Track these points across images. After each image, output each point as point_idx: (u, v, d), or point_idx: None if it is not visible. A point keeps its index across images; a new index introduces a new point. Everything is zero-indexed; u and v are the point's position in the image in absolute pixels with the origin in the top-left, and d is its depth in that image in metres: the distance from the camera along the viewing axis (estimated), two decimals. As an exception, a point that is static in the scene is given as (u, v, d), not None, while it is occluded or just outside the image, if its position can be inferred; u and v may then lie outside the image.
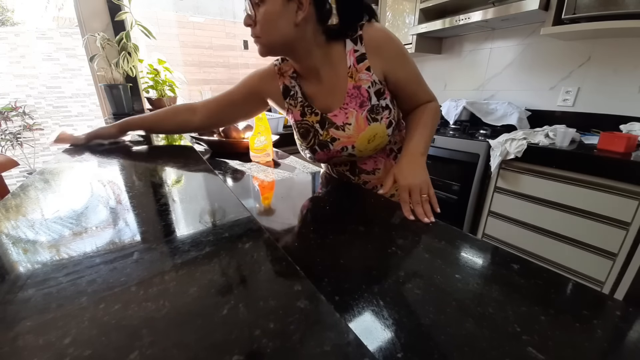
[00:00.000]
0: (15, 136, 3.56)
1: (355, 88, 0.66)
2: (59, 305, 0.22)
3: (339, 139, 0.70)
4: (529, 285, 0.36)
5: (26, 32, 3.37)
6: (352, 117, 0.68)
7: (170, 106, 0.85)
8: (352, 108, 0.67)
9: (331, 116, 0.69)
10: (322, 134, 0.71)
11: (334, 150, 0.71)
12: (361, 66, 0.65)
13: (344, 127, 0.69)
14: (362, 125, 0.68)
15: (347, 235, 0.46)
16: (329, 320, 0.22)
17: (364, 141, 0.69)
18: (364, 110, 0.67)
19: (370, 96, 0.66)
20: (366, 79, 0.66)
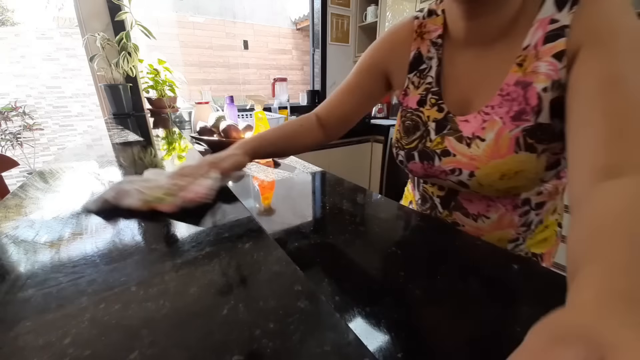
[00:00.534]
0: (15, 136, 3.56)
1: (519, 85, 0.39)
2: (59, 305, 0.22)
3: (454, 155, 0.46)
4: (529, 285, 0.36)
5: (26, 32, 3.37)
6: (491, 130, 0.42)
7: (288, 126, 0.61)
8: (497, 116, 0.41)
9: (461, 120, 0.45)
10: (434, 140, 0.48)
11: (438, 168, 0.48)
12: (548, 49, 0.37)
13: (470, 142, 0.44)
14: (504, 149, 0.41)
15: (347, 235, 0.46)
16: (329, 320, 0.22)
17: (493, 173, 0.43)
18: (517, 125, 0.40)
19: (540, 107, 0.38)
20: (546, 72, 0.37)
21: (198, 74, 2.46)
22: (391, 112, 2.61)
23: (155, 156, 0.76)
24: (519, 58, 0.39)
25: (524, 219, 0.50)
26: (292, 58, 3.04)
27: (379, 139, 2.24)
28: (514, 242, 0.54)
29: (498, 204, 0.49)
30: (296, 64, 3.05)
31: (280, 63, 2.95)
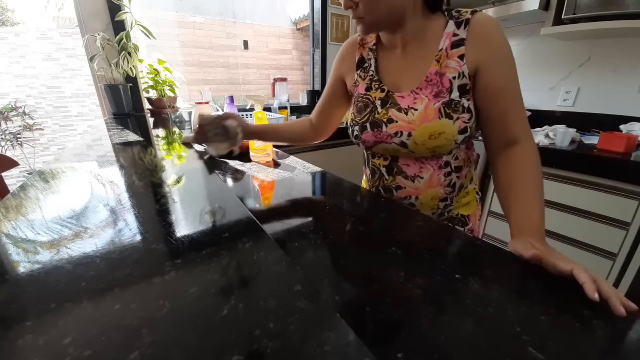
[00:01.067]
0: (15, 136, 3.56)
1: (437, 74, 0.58)
2: (59, 305, 0.22)
3: (396, 121, 0.62)
4: (529, 285, 0.36)
5: (26, 32, 3.37)
6: (421, 103, 0.59)
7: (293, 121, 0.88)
8: (424, 95, 0.59)
9: (397, 96, 0.62)
10: (380, 112, 0.64)
11: (386, 132, 0.63)
12: (454, 52, 0.56)
13: (407, 111, 0.61)
14: (431, 115, 0.58)
15: (348, 235, 0.46)
16: (329, 320, 0.22)
17: (424, 133, 0.59)
18: (438, 100, 0.58)
19: (451, 88, 0.57)
20: (454, 67, 0.57)
21: (198, 74, 2.46)
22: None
23: (155, 156, 0.76)
24: (437, 56, 0.58)
25: (448, 180, 0.67)
26: (292, 58, 3.04)
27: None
28: (444, 201, 0.69)
29: (427, 165, 0.65)
30: (296, 64, 3.05)
31: (280, 63, 2.95)
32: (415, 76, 0.61)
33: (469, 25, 0.55)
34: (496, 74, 0.55)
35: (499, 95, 0.56)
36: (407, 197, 0.68)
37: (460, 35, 0.56)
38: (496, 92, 0.56)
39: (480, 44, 0.55)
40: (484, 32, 0.55)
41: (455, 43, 0.56)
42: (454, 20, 0.57)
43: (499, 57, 0.55)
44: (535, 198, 0.51)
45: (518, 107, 0.57)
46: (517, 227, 0.50)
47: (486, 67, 0.55)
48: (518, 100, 0.56)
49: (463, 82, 0.57)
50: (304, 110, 2.52)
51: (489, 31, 0.55)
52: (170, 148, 0.91)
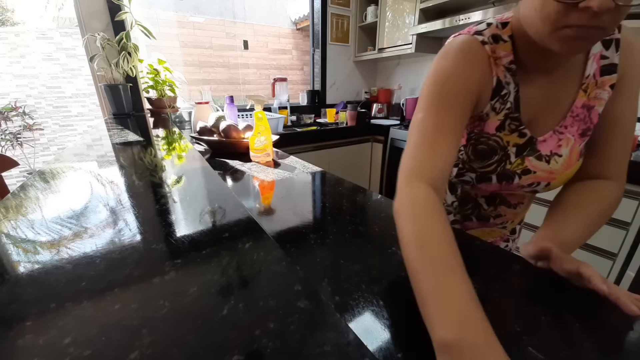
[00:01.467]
0: (15, 136, 3.56)
1: (585, 107, 0.47)
2: (59, 305, 0.22)
3: (534, 172, 0.50)
4: (529, 285, 0.36)
5: (26, 32, 3.37)
6: (566, 146, 0.49)
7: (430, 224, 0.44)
8: (570, 134, 0.48)
9: (540, 141, 0.49)
10: (514, 162, 0.50)
11: (516, 185, 0.52)
12: (605, 80, 0.46)
13: (549, 159, 0.49)
14: (574, 159, 0.49)
15: (347, 235, 0.46)
16: (329, 320, 0.22)
17: (565, 180, 0.51)
18: (583, 141, 0.49)
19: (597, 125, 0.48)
20: (605, 99, 0.47)
21: (198, 74, 2.46)
22: (391, 112, 2.61)
23: (155, 156, 0.76)
24: (584, 85, 0.47)
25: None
26: (292, 58, 3.04)
27: (379, 139, 2.24)
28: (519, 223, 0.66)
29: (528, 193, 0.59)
30: (296, 64, 3.05)
31: (280, 63, 2.95)
32: (558, 110, 0.48)
33: (620, 48, 0.45)
34: (622, 103, 0.46)
35: (609, 125, 0.48)
36: (504, 222, 0.62)
37: (611, 60, 0.45)
38: (611, 121, 0.47)
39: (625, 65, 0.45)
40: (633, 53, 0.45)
41: (606, 68, 0.46)
42: None
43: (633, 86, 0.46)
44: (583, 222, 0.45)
45: (625, 144, 0.48)
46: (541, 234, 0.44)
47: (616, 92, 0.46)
48: (628, 137, 0.48)
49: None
50: (304, 110, 2.52)
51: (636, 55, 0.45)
52: (170, 148, 0.91)
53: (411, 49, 2.09)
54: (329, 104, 2.64)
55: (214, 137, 1.03)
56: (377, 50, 2.38)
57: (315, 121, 2.43)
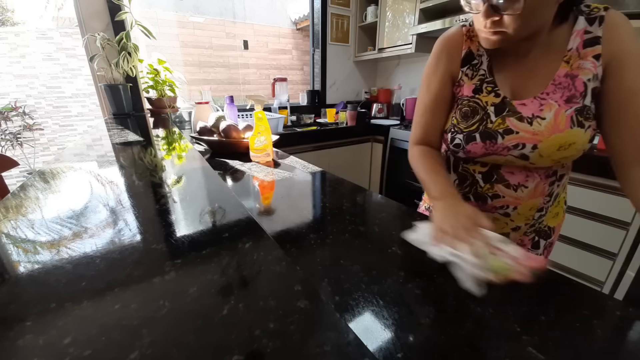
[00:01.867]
0: (15, 136, 3.56)
1: (568, 77, 0.52)
2: (59, 306, 0.22)
3: (517, 132, 0.54)
4: (529, 285, 0.36)
5: (26, 32, 3.37)
6: (549, 111, 0.52)
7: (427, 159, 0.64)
8: (553, 100, 0.52)
9: (518, 104, 0.55)
10: (495, 121, 0.56)
11: (502, 145, 0.55)
12: (588, 51, 0.50)
13: (532, 120, 0.53)
14: (562, 125, 0.52)
15: (347, 235, 0.46)
16: (329, 320, 0.22)
17: (553, 145, 0.53)
18: (570, 107, 0.51)
19: (585, 92, 0.51)
20: (589, 68, 0.50)
21: (198, 74, 2.46)
22: (391, 112, 2.61)
23: (155, 156, 0.76)
24: (566, 57, 0.52)
25: (550, 189, 0.60)
26: (292, 58, 3.04)
27: (379, 139, 2.24)
28: (540, 212, 0.63)
29: (535, 173, 0.58)
30: (296, 64, 3.05)
31: (280, 63, 2.95)
32: (539, 80, 0.54)
33: (605, 23, 0.49)
34: (633, 74, 0.49)
35: (634, 97, 0.49)
36: (504, 207, 0.61)
37: (595, 33, 0.50)
38: (631, 94, 0.49)
39: (615, 41, 0.49)
40: (619, 30, 0.49)
41: (589, 41, 0.50)
42: (584, 16, 0.50)
43: (635, 56, 0.49)
44: None
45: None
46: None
47: (621, 65, 0.49)
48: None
49: (596, 85, 0.51)
50: (304, 110, 2.52)
51: (623, 29, 0.49)
52: (170, 148, 0.91)
53: (411, 49, 2.09)
54: (329, 104, 2.64)
55: (214, 137, 1.03)
56: (377, 50, 2.38)
57: (315, 121, 2.43)
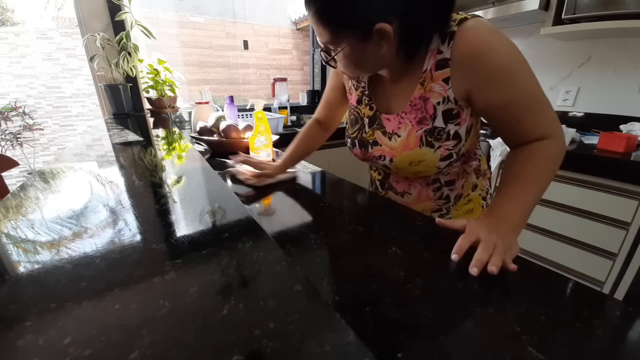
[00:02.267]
0: (15, 136, 3.56)
1: (421, 99, 0.54)
2: (59, 305, 0.22)
3: (380, 144, 0.62)
4: (529, 285, 0.36)
5: (26, 32, 3.37)
6: (404, 129, 0.57)
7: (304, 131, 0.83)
8: (408, 120, 0.57)
9: (384, 118, 0.60)
10: (368, 132, 0.64)
11: (371, 154, 0.64)
12: (438, 74, 0.51)
13: (391, 136, 0.60)
14: (412, 144, 0.57)
15: (347, 235, 0.46)
16: (329, 320, 0.22)
17: (404, 161, 0.59)
18: (421, 128, 0.55)
19: (435, 115, 0.54)
20: (438, 92, 0.52)
21: (198, 74, 2.46)
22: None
23: (155, 156, 0.76)
24: (421, 79, 0.54)
25: (438, 193, 0.67)
26: (292, 58, 3.04)
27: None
28: (437, 212, 0.70)
29: (415, 182, 0.67)
30: (296, 64, 3.05)
31: (280, 63, 2.95)
32: (402, 99, 0.58)
33: (453, 41, 0.48)
34: (494, 93, 0.49)
35: (503, 110, 0.50)
36: None
37: (444, 55, 0.50)
38: (499, 108, 0.50)
39: (468, 65, 0.48)
40: (470, 51, 0.47)
41: (440, 63, 0.51)
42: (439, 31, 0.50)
43: (493, 75, 0.48)
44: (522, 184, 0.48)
45: (534, 113, 0.49)
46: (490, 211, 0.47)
47: (479, 89, 0.50)
48: (532, 107, 0.49)
49: (448, 107, 0.53)
50: (304, 110, 2.52)
51: (475, 49, 0.47)
52: (170, 148, 0.91)
53: (411, 49, 2.09)
54: (329, 104, 2.64)
55: (214, 137, 1.03)
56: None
57: (315, 121, 2.42)
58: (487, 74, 0.48)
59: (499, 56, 0.47)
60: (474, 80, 0.49)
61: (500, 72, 0.47)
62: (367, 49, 0.49)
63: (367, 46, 0.48)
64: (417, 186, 0.67)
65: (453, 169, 0.65)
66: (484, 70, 0.48)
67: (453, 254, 0.39)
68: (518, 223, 0.46)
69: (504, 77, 0.48)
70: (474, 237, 0.41)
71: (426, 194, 0.67)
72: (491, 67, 0.47)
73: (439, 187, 0.66)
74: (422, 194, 0.67)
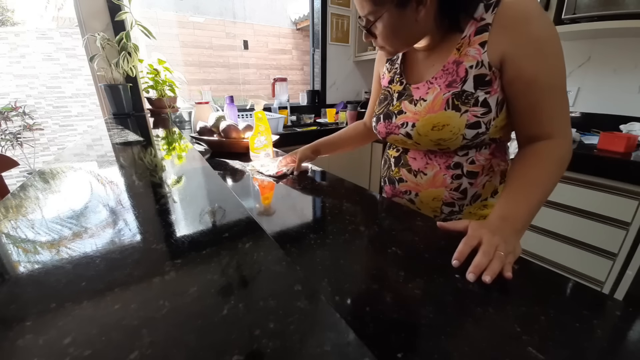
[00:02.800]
0: (15, 136, 3.56)
1: (455, 63, 0.54)
2: (59, 305, 0.22)
3: (405, 112, 0.61)
4: (529, 285, 0.36)
5: (26, 32, 3.37)
6: (432, 93, 0.57)
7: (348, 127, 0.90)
8: (437, 85, 0.56)
9: (414, 88, 0.61)
10: (395, 104, 0.64)
11: (395, 124, 0.63)
12: (476, 39, 0.51)
13: (417, 102, 0.59)
14: (437, 106, 0.55)
15: (347, 235, 0.46)
16: (329, 320, 0.22)
17: (427, 124, 0.57)
18: (449, 90, 0.54)
19: (466, 78, 0.53)
20: (473, 55, 0.52)
21: (198, 74, 2.46)
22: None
23: (155, 156, 0.76)
24: (458, 44, 0.54)
25: (456, 182, 0.62)
26: (292, 58, 3.04)
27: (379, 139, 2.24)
28: (450, 206, 0.65)
29: (434, 162, 0.62)
30: (296, 64, 3.05)
31: (280, 63, 2.95)
32: (435, 67, 0.58)
33: (498, 8, 0.48)
34: (527, 63, 0.48)
35: (528, 88, 0.49)
36: (407, 192, 0.67)
37: (487, 20, 0.50)
38: (525, 84, 0.49)
39: (507, 29, 0.48)
40: (514, 14, 0.47)
41: (480, 29, 0.50)
42: (484, 2, 0.50)
43: (531, 44, 0.47)
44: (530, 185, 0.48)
45: (554, 102, 0.49)
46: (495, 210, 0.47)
47: (514, 55, 0.48)
48: (554, 94, 0.48)
49: (481, 72, 0.51)
50: (304, 110, 2.52)
51: (520, 14, 0.47)
52: (170, 148, 0.91)
53: (411, 49, 2.09)
54: (329, 104, 2.64)
55: (214, 137, 1.03)
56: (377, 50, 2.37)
57: (315, 121, 2.43)
58: (525, 41, 0.47)
59: (540, 27, 0.47)
60: (511, 45, 0.48)
61: (538, 42, 0.47)
62: (405, 15, 0.50)
63: (406, 12, 0.50)
64: (435, 166, 0.62)
65: (480, 158, 0.59)
66: (523, 36, 0.47)
67: (454, 260, 0.39)
68: (522, 225, 0.45)
69: (540, 49, 0.47)
70: (475, 241, 0.40)
71: (442, 179, 0.62)
72: (530, 35, 0.47)
73: (459, 175, 0.61)
74: (439, 177, 0.62)
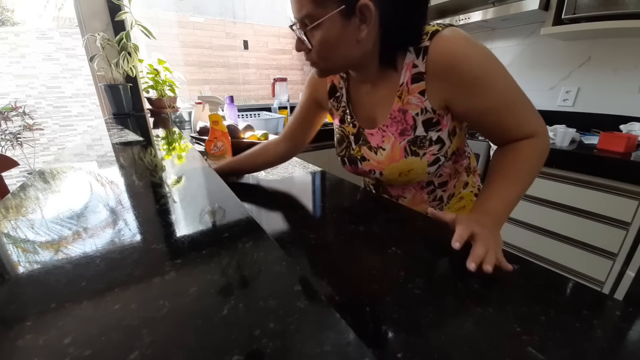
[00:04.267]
0: (15, 136, 3.56)
1: (400, 112, 0.56)
2: (59, 305, 0.22)
3: (368, 159, 0.63)
4: (529, 285, 0.36)
5: (26, 32, 3.37)
6: (388, 142, 0.59)
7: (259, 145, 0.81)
8: (390, 133, 0.58)
9: (368, 133, 0.62)
10: (355, 148, 0.65)
11: (362, 169, 0.65)
12: (414, 87, 0.53)
13: (376, 150, 0.61)
14: (397, 155, 0.58)
15: (347, 235, 0.46)
16: (329, 320, 0.22)
17: (393, 173, 0.60)
18: (404, 139, 0.57)
19: (415, 125, 0.55)
20: (416, 104, 0.54)
21: (198, 74, 2.46)
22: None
23: (155, 156, 0.76)
24: (398, 92, 0.55)
25: (432, 196, 0.69)
26: (292, 58, 3.04)
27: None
28: None
29: (409, 187, 0.68)
30: (296, 64, 3.05)
31: (280, 63, 2.94)
32: (382, 113, 0.59)
33: (427, 55, 0.49)
34: (473, 100, 0.50)
35: (483, 115, 0.51)
36: None
37: (419, 68, 0.51)
38: (480, 113, 0.51)
39: (442, 80, 0.50)
40: (443, 64, 0.49)
41: (415, 77, 0.52)
42: (414, 45, 0.51)
43: (470, 86, 0.49)
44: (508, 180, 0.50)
45: (516, 112, 0.51)
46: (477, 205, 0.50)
47: (457, 98, 0.51)
48: (513, 108, 0.50)
49: (427, 117, 0.54)
50: (304, 110, 2.51)
51: (448, 62, 0.48)
52: (170, 148, 0.91)
53: (411, 49, 2.09)
54: (329, 104, 2.63)
55: (214, 137, 1.03)
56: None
57: (315, 121, 2.42)
58: (462, 84, 0.49)
59: (472, 65, 0.47)
60: (450, 90, 0.50)
61: (475, 81, 0.48)
62: (347, 29, 0.47)
63: (349, 25, 0.47)
64: (412, 190, 0.68)
65: (445, 170, 0.66)
66: (458, 80, 0.49)
67: (454, 242, 0.39)
68: (501, 218, 0.49)
69: (480, 85, 0.48)
70: (470, 230, 0.42)
71: (420, 197, 0.68)
72: (465, 77, 0.48)
73: (433, 189, 0.68)
74: (417, 197, 0.68)
